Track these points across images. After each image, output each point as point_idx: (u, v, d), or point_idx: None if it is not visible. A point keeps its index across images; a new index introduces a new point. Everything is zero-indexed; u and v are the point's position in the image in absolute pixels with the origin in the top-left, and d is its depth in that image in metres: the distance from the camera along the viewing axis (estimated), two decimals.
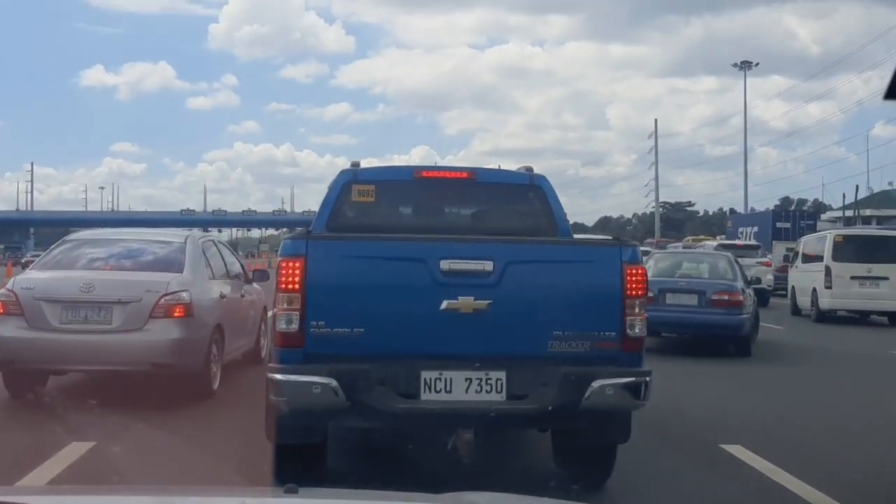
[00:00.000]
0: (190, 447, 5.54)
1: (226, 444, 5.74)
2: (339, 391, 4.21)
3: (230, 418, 6.59)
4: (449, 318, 4.29)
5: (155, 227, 9.17)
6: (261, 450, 4.71)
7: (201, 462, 5.00)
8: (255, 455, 4.82)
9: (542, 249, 4.74)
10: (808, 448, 6.07)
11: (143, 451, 5.39)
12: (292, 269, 4.29)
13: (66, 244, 7.90)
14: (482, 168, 6.28)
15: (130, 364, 6.79)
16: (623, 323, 4.38)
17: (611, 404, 4.39)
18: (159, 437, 5.73)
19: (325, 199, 5.97)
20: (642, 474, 5.21)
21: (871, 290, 16.70)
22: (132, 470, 4.82)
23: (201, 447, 5.55)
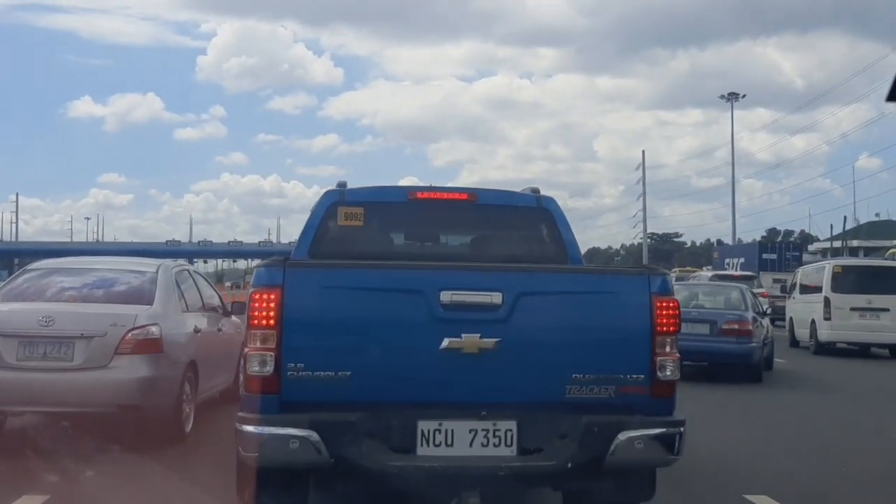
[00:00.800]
0: (157, 501, 5.05)
1: (198, 496, 5.18)
2: (320, 446, 3.63)
3: (203, 466, 6.01)
4: (450, 359, 3.70)
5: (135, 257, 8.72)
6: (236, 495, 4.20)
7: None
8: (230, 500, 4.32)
9: (559, 279, 4.13)
10: (836, 497, 5.68)
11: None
12: (267, 301, 3.68)
13: (28, 273, 7.31)
14: (484, 189, 5.67)
15: (93, 405, 6.20)
16: (653, 364, 3.80)
17: (640, 460, 3.83)
18: (123, 489, 5.23)
19: (308, 223, 5.42)
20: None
21: (871, 321, 16.34)
22: None
23: (170, 501, 5.05)
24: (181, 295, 7.14)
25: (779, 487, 5.60)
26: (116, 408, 6.22)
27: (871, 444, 7.86)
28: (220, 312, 8.08)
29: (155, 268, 7.13)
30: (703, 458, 6.46)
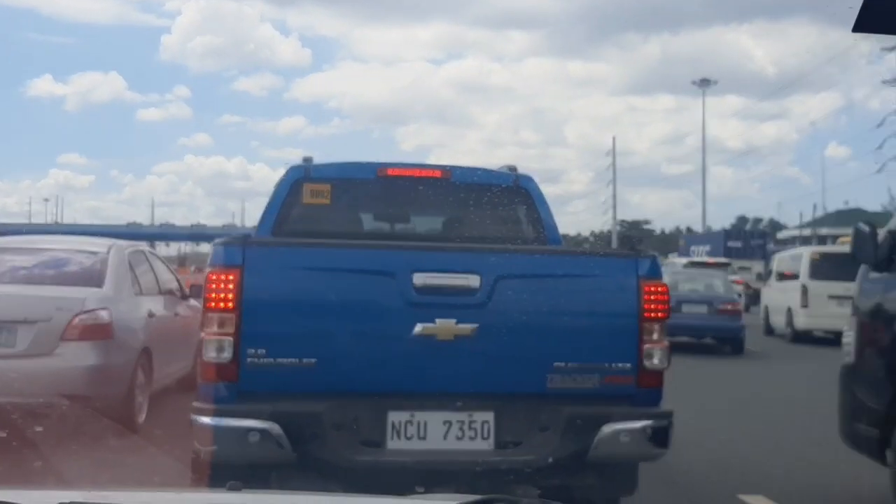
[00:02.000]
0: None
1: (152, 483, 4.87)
2: (282, 439, 3.40)
3: (157, 460, 5.59)
4: (423, 346, 3.49)
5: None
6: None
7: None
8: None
9: (541, 261, 3.90)
10: (835, 496, 5.52)
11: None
12: (224, 282, 3.43)
13: None
14: (458, 166, 5.37)
15: (37, 395, 5.77)
16: (640, 352, 3.60)
17: (625, 454, 3.64)
18: (68, 486, 4.82)
19: (271, 200, 5.11)
20: None
21: (849, 309, 16.39)
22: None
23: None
24: (135, 277, 6.78)
25: (775, 486, 5.46)
26: (62, 398, 5.80)
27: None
28: (178, 296, 7.73)
29: (107, 248, 6.74)
30: (690, 457, 6.23)
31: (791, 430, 8.14)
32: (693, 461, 6.18)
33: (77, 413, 5.98)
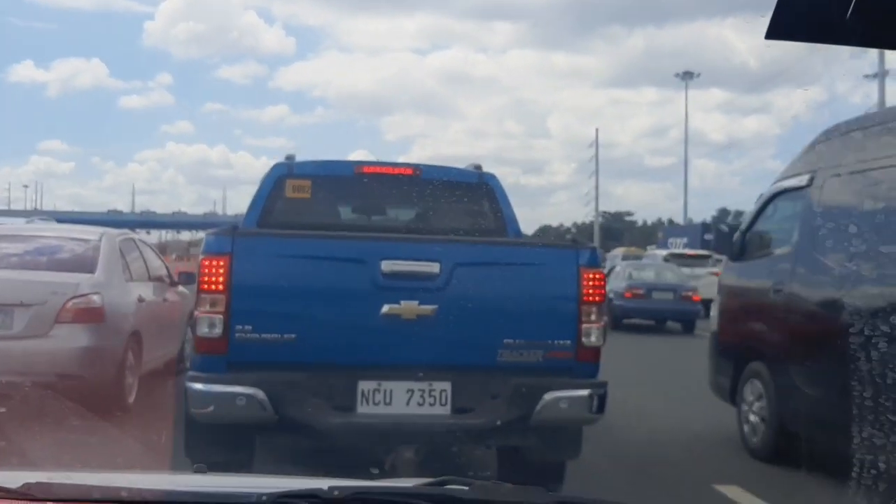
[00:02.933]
0: (95, 462, 4.99)
1: (142, 463, 5.20)
2: (265, 403, 3.87)
3: (147, 436, 5.88)
4: (390, 324, 3.95)
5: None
6: (179, 464, 4.14)
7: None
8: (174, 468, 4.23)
9: (494, 251, 4.40)
10: (808, 486, 5.36)
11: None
12: (216, 267, 3.90)
13: None
14: (428, 165, 5.88)
15: (32, 374, 6.04)
16: (579, 331, 4.08)
17: (565, 418, 4.12)
18: (64, 458, 5.17)
19: (257, 194, 5.53)
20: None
21: None
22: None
23: (108, 461, 5.01)
24: (125, 264, 7.09)
25: (750, 476, 5.44)
26: (56, 377, 6.09)
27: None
28: (167, 283, 8.05)
29: (98, 236, 7.05)
30: (664, 448, 6.36)
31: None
32: (668, 451, 6.29)
33: (70, 392, 6.20)
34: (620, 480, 4.53)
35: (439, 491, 1.42)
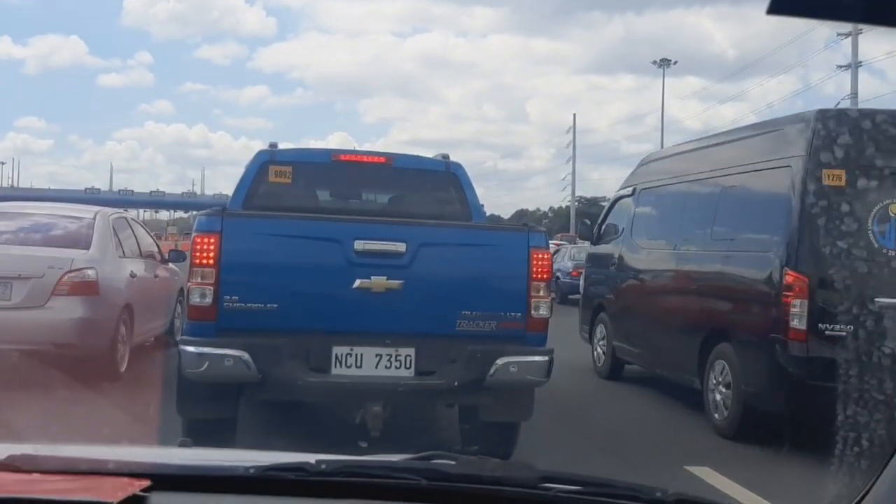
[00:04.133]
0: (87, 430, 5.09)
1: (134, 426, 5.45)
2: (250, 364, 4.33)
3: (138, 401, 6.15)
4: (361, 296, 4.42)
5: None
6: (168, 432, 4.55)
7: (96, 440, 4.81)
8: (162, 433, 4.61)
9: (454, 233, 4.91)
10: (780, 467, 5.32)
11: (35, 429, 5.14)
12: (207, 244, 4.36)
13: None
14: (399, 154, 6.40)
15: (30, 343, 6.51)
16: (528, 304, 4.58)
17: (515, 381, 4.60)
18: (59, 423, 5.38)
19: (242, 179, 5.98)
20: None
21: None
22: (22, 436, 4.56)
23: (97, 425, 5.14)
24: (118, 241, 7.50)
25: (721, 458, 5.46)
26: (52, 346, 6.49)
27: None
28: (157, 260, 8.46)
29: (93, 214, 7.46)
30: (639, 431, 6.51)
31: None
32: (640, 432, 6.47)
33: (65, 360, 6.41)
34: (594, 463, 4.78)
35: (426, 465, 1.42)
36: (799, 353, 5.57)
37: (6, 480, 1.29)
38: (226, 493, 1.32)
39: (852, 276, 5.40)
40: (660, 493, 1.36)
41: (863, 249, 5.49)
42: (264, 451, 1.62)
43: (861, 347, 4.89)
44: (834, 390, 4.60)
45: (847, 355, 4.99)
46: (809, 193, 5.60)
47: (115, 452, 1.56)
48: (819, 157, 5.60)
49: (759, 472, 5.26)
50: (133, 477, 1.29)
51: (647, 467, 5.22)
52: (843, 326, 5.35)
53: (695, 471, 5.11)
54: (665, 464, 5.32)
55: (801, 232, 5.66)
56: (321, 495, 1.33)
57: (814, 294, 5.53)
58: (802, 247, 5.66)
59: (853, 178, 5.56)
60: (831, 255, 5.47)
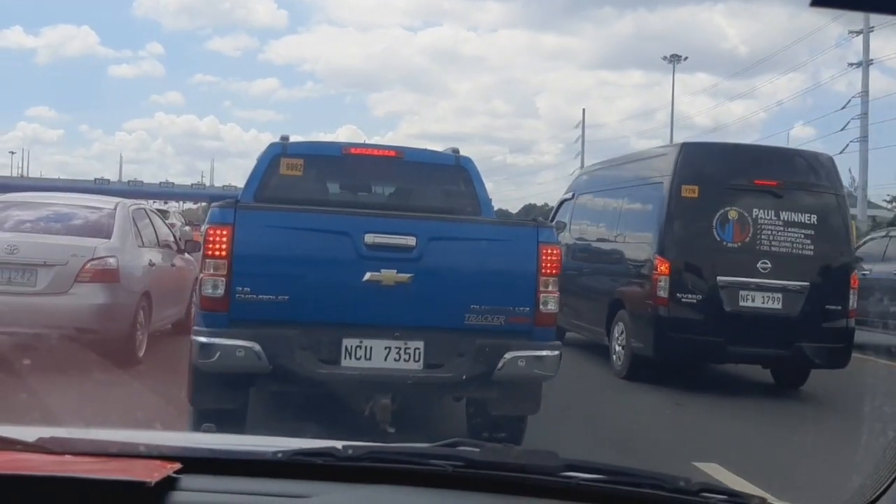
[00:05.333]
0: (107, 410, 5.16)
1: (152, 408, 5.49)
2: (261, 355, 4.30)
3: (156, 385, 6.36)
4: (371, 289, 4.40)
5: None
6: (181, 416, 4.69)
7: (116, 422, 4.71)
8: (176, 418, 4.78)
9: (463, 227, 4.93)
10: (790, 464, 5.45)
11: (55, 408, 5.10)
12: (220, 236, 4.37)
13: None
14: (409, 147, 6.37)
15: (54, 327, 6.73)
16: (537, 299, 4.56)
17: (522, 375, 4.58)
18: (80, 404, 5.29)
19: (254, 171, 6.05)
20: None
21: None
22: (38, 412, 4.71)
23: (118, 408, 5.26)
24: (138, 231, 7.73)
25: (731, 454, 5.45)
26: (75, 331, 6.72)
27: (821, 407, 7.76)
28: (174, 250, 8.67)
29: (113, 205, 7.70)
30: (649, 428, 6.49)
31: (743, 397, 8.12)
32: (648, 427, 6.43)
33: (87, 344, 6.62)
34: (600, 458, 4.51)
35: (451, 452, 1.41)
36: (663, 314, 7.87)
37: (41, 461, 1.30)
38: (254, 476, 1.33)
39: (700, 261, 7.94)
40: (683, 483, 1.36)
41: (708, 242, 7.87)
42: (288, 438, 1.63)
43: (706, 310, 7.77)
44: (688, 339, 7.76)
45: (696, 315, 7.81)
46: (673, 202, 7.97)
47: (143, 436, 1.58)
48: (680, 176, 7.98)
49: (768, 468, 5.31)
50: (164, 460, 1.30)
51: (654, 462, 5.17)
52: (693, 295, 7.86)
53: (703, 467, 5.08)
54: (672, 459, 5.36)
55: (667, 229, 7.99)
56: (348, 480, 1.33)
57: (674, 273, 7.86)
58: (667, 240, 7.98)
59: (704, 192, 7.92)
60: (687, 245, 7.97)
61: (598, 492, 1.34)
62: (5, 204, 7.83)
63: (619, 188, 9.38)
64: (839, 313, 7.94)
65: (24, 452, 1.34)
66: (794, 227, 7.92)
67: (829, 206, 8.10)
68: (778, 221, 7.91)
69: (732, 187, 7.99)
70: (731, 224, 7.88)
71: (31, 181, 74.75)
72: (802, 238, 7.92)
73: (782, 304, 7.80)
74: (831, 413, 7.79)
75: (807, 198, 8.07)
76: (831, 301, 7.93)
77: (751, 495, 1.44)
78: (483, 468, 1.35)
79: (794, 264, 7.87)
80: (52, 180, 75.14)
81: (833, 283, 7.97)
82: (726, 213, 7.90)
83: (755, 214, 7.89)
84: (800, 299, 7.82)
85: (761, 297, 7.80)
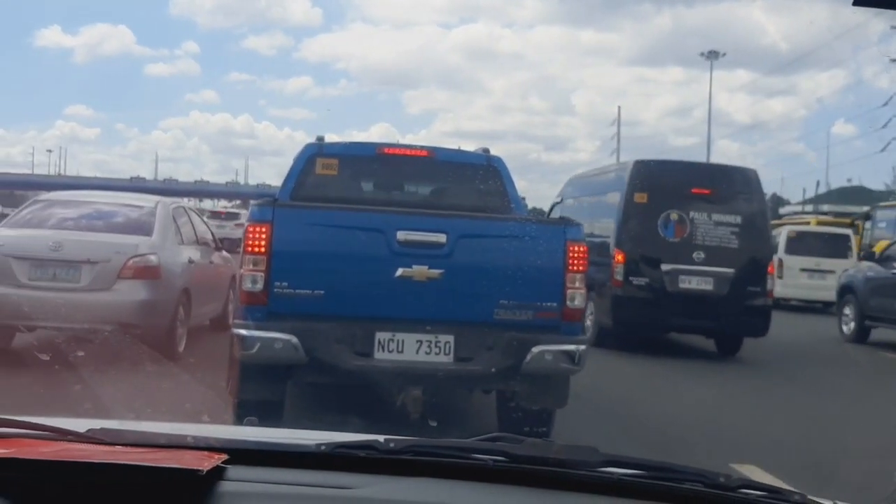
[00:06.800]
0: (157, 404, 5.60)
1: (193, 398, 5.78)
2: (298, 347, 4.48)
3: (195, 377, 6.45)
4: (403, 284, 4.56)
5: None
6: (222, 405, 4.74)
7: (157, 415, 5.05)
8: (216, 410, 4.77)
9: (493, 225, 5.07)
10: (827, 465, 5.35)
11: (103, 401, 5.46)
12: (259, 233, 4.56)
13: (36, 204, 8.06)
14: (441, 147, 6.55)
15: (97, 322, 6.85)
16: (564, 295, 4.71)
17: (549, 368, 4.72)
18: (125, 395, 5.59)
19: (290, 171, 6.25)
20: None
21: (817, 281, 17.81)
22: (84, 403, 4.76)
23: (159, 401, 5.50)
24: (177, 229, 7.93)
25: (768, 456, 5.40)
26: (117, 326, 6.83)
27: (856, 408, 7.56)
28: (212, 247, 8.88)
29: (154, 203, 7.93)
30: (683, 428, 6.41)
31: (777, 399, 8.05)
32: (685, 427, 6.40)
33: (129, 339, 6.73)
34: (634, 453, 4.74)
35: (492, 446, 1.42)
36: (619, 294, 9.96)
37: (94, 450, 1.33)
38: (299, 468, 1.36)
39: (649, 252, 10.05)
40: (723, 479, 1.36)
41: (655, 237, 9.99)
42: (329, 431, 1.65)
43: (653, 291, 9.98)
44: (639, 313, 9.98)
45: (645, 295, 10.00)
46: (627, 206, 10.08)
47: (190, 428, 1.62)
48: (633, 186, 10.12)
49: (809, 473, 5.16)
50: (211, 451, 1.33)
51: (691, 462, 5.05)
52: (643, 279, 10.03)
53: (741, 469, 4.97)
54: (709, 460, 5.24)
55: (622, 227, 10.09)
56: (389, 473, 1.35)
57: (628, 261, 9.99)
58: (623, 235, 10.09)
59: (651, 198, 10.04)
60: (638, 240, 10.07)
61: (638, 487, 1.35)
62: (48, 202, 8.09)
63: (591, 194, 11.65)
64: (759, 294, 10.08)
65: (75, 443, 1.38)
66: (722, 225, 10.01)
67: (751, 210, 10.23)
68: (710, 221, 10.00)
69: (674, 194, 10.06)
70: (672, 223, 10.02)
71: (68, 179, 76.15)
72: (729, 234, 10.02)
73: (713, 286, 9.93)
74: (869, 411, 7.54)
75: (733, 203, 10.13)
76: (752, 284, 10.05)
77: (790, 491, 1.45)
78: (523, 462, 1.36)
79: (723, 255, 9.93)
80: (88, 178, 76.40)
81: (753, 270, 10.10)
82: (669, 214, 10.02)
83: (692, 216, 9.99)
84: (727, 282, 9.94)
85: (696, 280, 9.99)
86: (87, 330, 6.98)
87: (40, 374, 6.00)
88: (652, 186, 10.13)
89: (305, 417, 5.39)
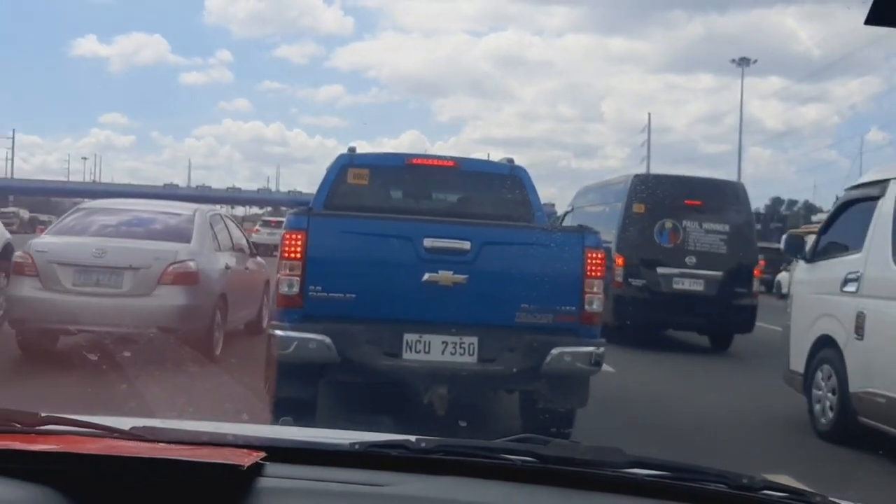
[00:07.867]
0: (188, 401, 5.74)
1: (231, 399, 5.90)
2: (332, 347, 4.74)
3: (232, 379, 6.47)
4: (430, 288, 4.80)
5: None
6: (258, 405, 4.89)
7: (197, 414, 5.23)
8: (254, 410, 4.96)
9: (515, 233, 5.33)
10: (864, 476, 5.36)
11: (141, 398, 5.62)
12: (295, 240, 4.84)
13: (79, 212, 8.42)
14: (466, 158, 6.85)
15: (138, 327, 7.08)
16: (582, 300, 4.93)
17: (568, 369, 4.93)
18: (166, 396, 5.71)
19: (323, 180, 6.54)
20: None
21: None
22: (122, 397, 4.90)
23: (198, 401, 5.76)
24: (214, 236, 8.22)
25: (800, 465, 5.31)
26: (157, 330, 7.06)
27: None
28: (247, 253, 9.18)
29: (192, 211, 8.23)
30: (711, 437, 6.28)
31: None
32: (718, 435, 6.33)
33: (168, 343, 6.95)
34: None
35: (520, 446, 1.45)
36: (619, 293, 10.91)
37: (138, 447, 1.37)
38: (333, 466, 1.40)
39: (646, 256, 11.28)
40: (746, 480, 1.39)
41: (651, 243, 11.22)
42: (360, 431, 1.68)
43: (650, 291, 11.19)
44: (637, 311, 10.96)
45: (642, 295, 11.18)
46: (627, 215, 11.38)
47: (229, 427, 1.65)
48: (632, 197, 11.42)
49: (845, 485, 5.18)
50: (251, 449, 1.36)
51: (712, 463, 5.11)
52: (641, 281, 11.24)
53: (773, 479, 4.91)
54: (742, 469, 5.16)
55: (623, 234, 11.28)
56: (421, 471, 1.39)
57: (627, 265, 11.17)
58: (623, 241, 11.25)
59: (648, 208, 11.33)
60: (636, 246, 11.26)
61: (663, 488, 1.37)
62: (90, 210, 8.44)
63: (597, 204, 12.92)
64: (745, 294, 11.35)
65: (120, 440, 1.42)
66: (712, 233, 11.28)
67: (739, 220, 11.53)
68: (701, 230, 11.28)
69: (669, 205, 11.28)
70: (667, 231, 11.28)
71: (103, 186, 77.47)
72: (718, 241, 11.28)
73: (704, 287, 11.15)
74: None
75: (722, 214, 11.40)
76: (739, 286, 11.29)
77: (812, 493, 1.48)
78: (551, 463, 1.39)
79: (712, 259, 11.18)
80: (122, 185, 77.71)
81: (740, 273, 11.33)
82: (664, 223, 11.25)
83: (685, 224, 11.25)
84: (716, 284, 11.16)
85: (688, 282, 11.20)
86: (129, 333, 7.23)
87: (86, 375, 6.14)
88: (649, 198, 11.35)
89: (337, 417, 5.61)
